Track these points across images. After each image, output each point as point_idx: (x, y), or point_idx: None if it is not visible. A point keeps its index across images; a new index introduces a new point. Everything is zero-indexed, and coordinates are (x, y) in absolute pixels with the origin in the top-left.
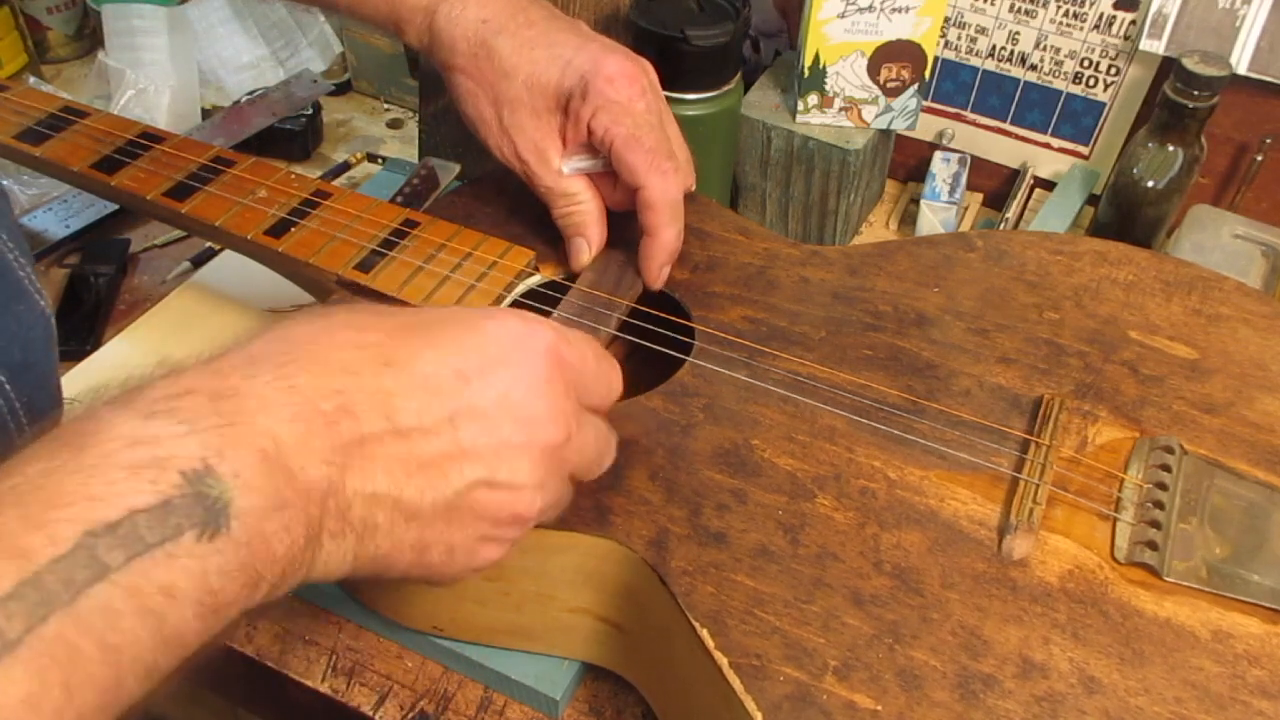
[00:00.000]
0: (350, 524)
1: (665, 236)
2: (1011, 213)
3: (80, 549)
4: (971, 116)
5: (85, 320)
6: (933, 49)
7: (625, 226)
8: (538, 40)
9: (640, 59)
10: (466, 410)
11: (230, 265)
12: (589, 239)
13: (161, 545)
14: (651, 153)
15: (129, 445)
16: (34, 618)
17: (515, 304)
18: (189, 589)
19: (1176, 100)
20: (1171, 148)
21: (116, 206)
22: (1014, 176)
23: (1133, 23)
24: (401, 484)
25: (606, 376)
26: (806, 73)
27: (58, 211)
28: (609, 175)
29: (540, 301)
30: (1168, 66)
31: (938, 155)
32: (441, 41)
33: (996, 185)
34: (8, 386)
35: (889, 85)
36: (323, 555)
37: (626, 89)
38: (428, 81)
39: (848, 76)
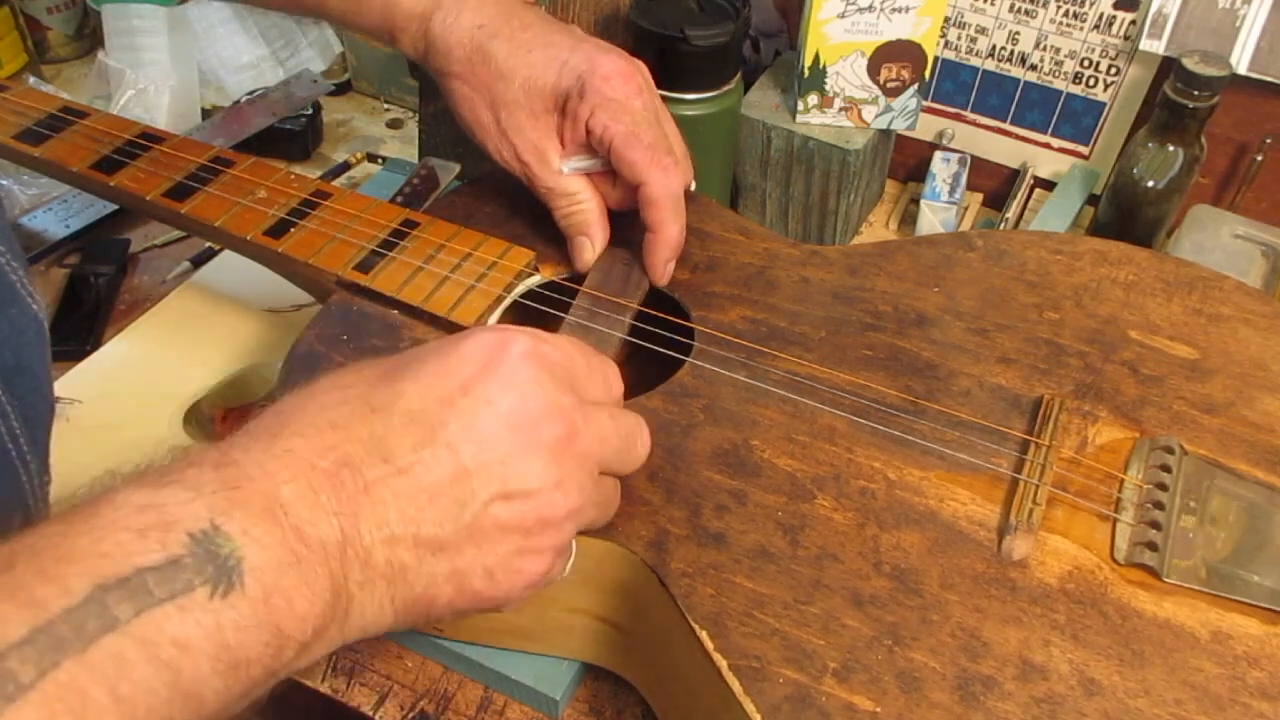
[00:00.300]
0: (376, 570)
1: (669, 232)
2: (1011, 213)
3: (92, 601)
4: (971, 116)
5: (85, 320)
6: (933, 49)
7: (625, 227)
8: (533, 43)
9: (635, 59)
10: (460, 431)
11: (230, 265)
12: (592, 238)
13: (172, 600)
14: (651, 149)
15: (138, 511)
16: (46, 663)
17: (515, 304)
18: (203, 643)
19: (1176, 100)
20: (1171, 148)
21: (116, 206)
22: (1014, 176)
23: (1133, 23)
24: (417, 519)
25: (600, 371)
26: (806, 73)
27: (58, 211)
28: (608, 174)
29: (540, 302)
30: (1168, 66)
31: (938, 155)
32: (437, 48)
33: (996, 185)
34: (0, 391)
35: (889, 85)
36: (356, 608)
37: (623, 87)
38: (428, 81)
39: (848, 76)
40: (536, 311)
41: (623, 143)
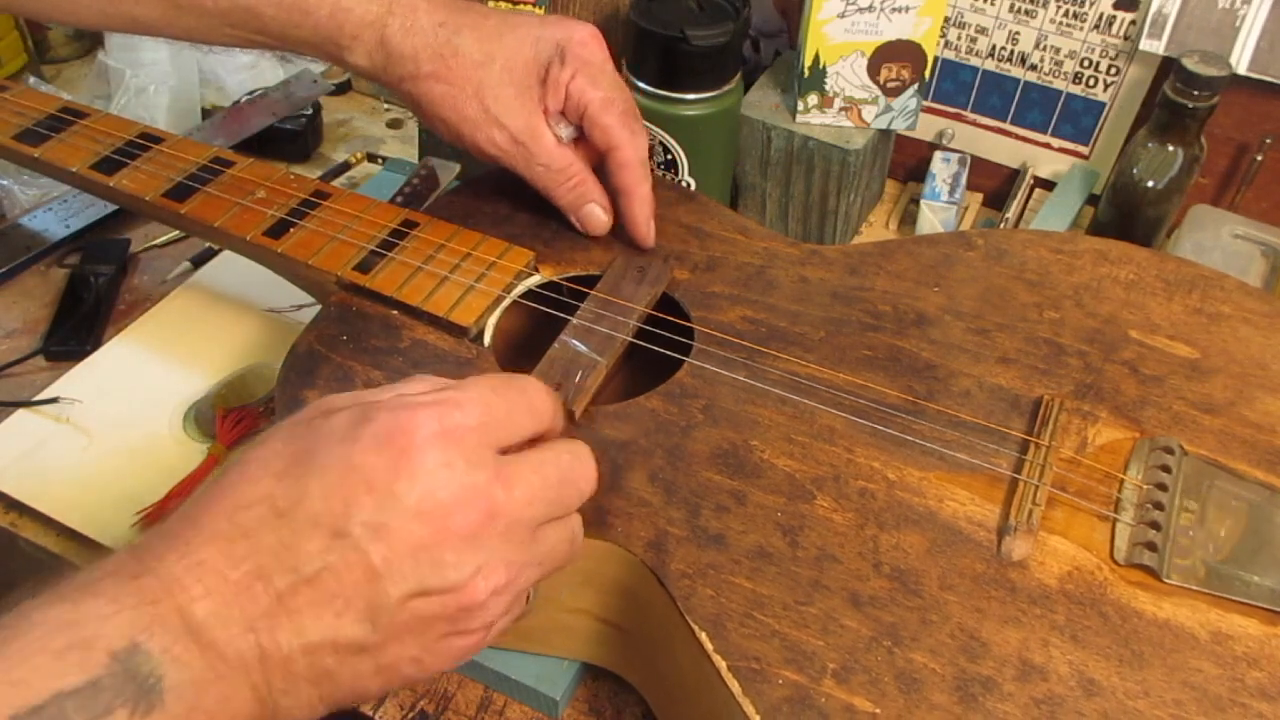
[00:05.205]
0: (299, 676)
1: (643, 191)
2: (1011, 213)
3: None
4: (971, 116)
5: (85, 320)
6: (933, 49)
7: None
8: (500, 28)
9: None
10: (367, 532)
11: (230, 265)
12: (601, 203)
13: None
14: (624, 114)
15: (56, 629)
16: None
17: (515, 303)
18: None
19: (1176, 100)
20: (1171, 148)
21: (116, 206)
22: (1014, 176)
23: (1133, 23)
24: (334, 625)
25: (522, 403)
26: (806, 73)
27: (58, 211)
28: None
29: (538, 302)
30: (1168, 66)
31: (938, 155)
32: (401, 55)
33: (996, 185)
34: None
35: (889, 85)
36: (283, 713)
37: (599, 51)
38: None
39: (848, 76)
40: (537, 311)
41: (600, 108)
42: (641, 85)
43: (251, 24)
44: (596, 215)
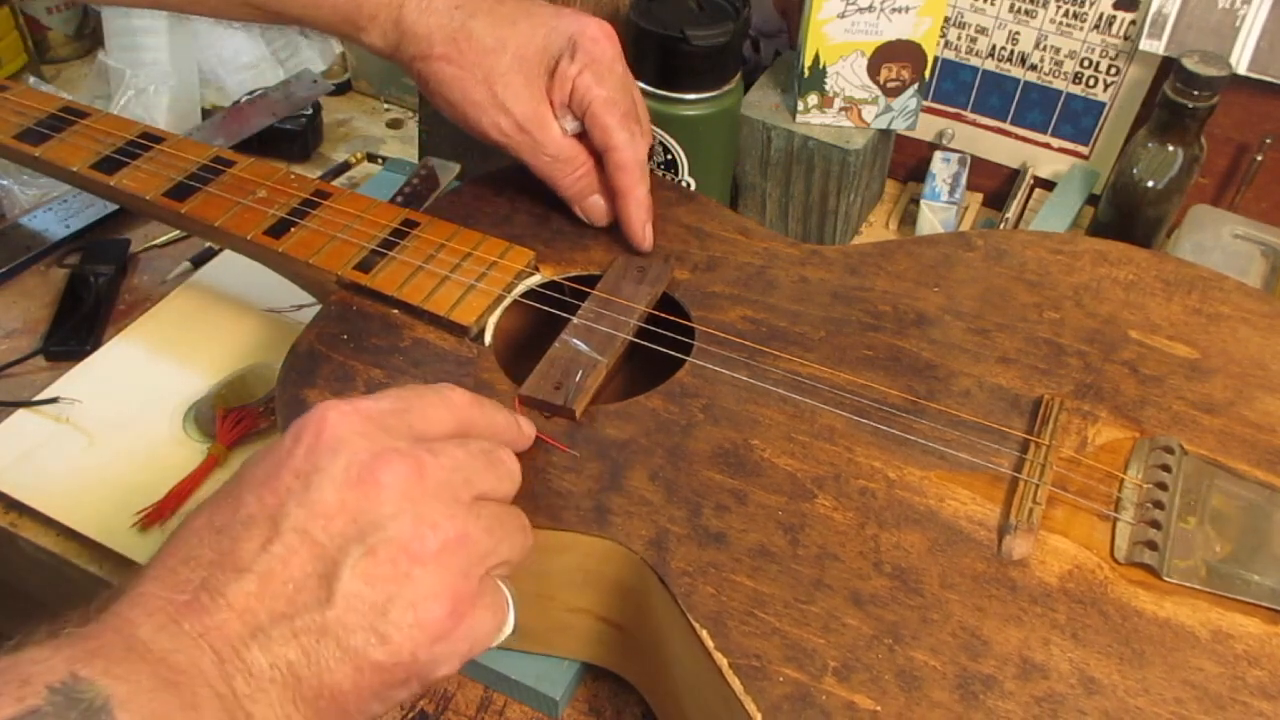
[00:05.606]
0: (263, 677)
1: (639, 193)
2: (1011, 213)
3: None
4: (971, 116)
5: (85, 320)
6: (933, 49)
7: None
8: (514, 15)
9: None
10: (302, 513)
11: (230, 265)
12: (603, 194)
13: None
14: (625, 116)
15: None
16: None
17: (516, 303)
18: None
19: (1176, 100)
20: (1171, 148)
21: (116, 206)
22: (1014, 176)
23: (1133, 23)
24: (288, 613)
25: (437, 398)
26: (806, 73)
27: (58, 211)
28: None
29: (539, 301)
30: (1168, 66)
31: (938, 155)
32: (415, 35)
33: (996, 185)
34: None
35: (889, 85)
36: None
37: (609, 48)
38: None
39: (848, 76)
40: (537, 311)
41: (602, 107)
42: (641, 85)
43: (272, 4)
44: (600, 206)
